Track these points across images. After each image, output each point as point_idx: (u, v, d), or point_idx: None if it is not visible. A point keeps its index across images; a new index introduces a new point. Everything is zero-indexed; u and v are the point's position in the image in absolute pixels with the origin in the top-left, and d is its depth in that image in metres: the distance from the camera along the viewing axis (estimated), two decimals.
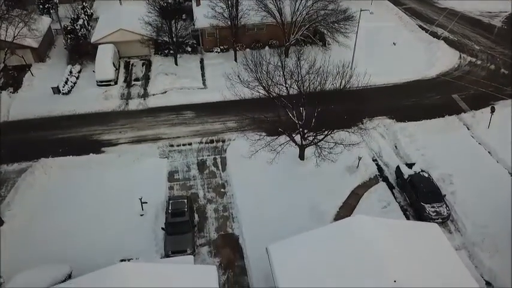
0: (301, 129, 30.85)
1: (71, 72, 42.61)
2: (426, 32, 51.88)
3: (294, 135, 31.13)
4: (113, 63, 42.52)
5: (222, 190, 31.29)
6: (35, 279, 22.33)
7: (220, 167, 33.35)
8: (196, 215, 28.84)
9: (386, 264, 20.00)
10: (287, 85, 29.48)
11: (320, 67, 29.28)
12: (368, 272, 19.75)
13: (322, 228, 22.63)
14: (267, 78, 29.45)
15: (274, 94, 30.27)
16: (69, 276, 23.14)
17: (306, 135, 31.07)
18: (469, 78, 43.38)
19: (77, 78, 42.83)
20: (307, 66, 29.85)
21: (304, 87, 29.06)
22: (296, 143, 31.81)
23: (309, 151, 32.28)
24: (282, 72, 29.97)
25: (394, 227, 22.34)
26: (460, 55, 47.38)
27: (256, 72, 29.46)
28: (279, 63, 30.04)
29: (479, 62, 46.17)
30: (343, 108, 30.13)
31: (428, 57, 46.56)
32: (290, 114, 30.52)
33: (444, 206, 28.12)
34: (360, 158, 31.63)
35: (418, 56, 46.98)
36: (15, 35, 40.62)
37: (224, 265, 25.93)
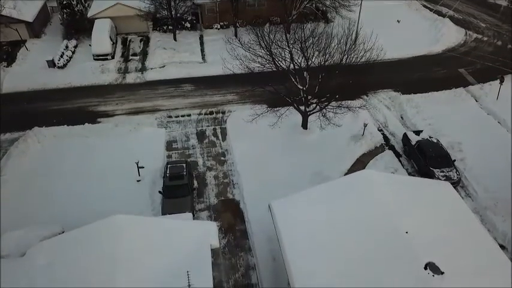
0: (304, 95, 29.69)
1: (66, 46, 41.50)
2: (431, 10, 50.77)
3: (296, 100, 29.96)
4: (110, 37, 41.34)
5: (222, 158, 30.12)
6: (25, 237, 21.07)
7: (220, 137, 32.17)
8: (195, 181, 27.68)
9: (398, 216, 18.83)
10: (290, 46, 28.27)
11: (324, 27, 28.13)
12: (378, 225, 18.57)
13: (329, 183, 21.42)
14: (269, 38, 28.24)
15: (277, 58, 29.08)
16: None
17: (309, 102, 29.89)
18: (476, 54, 42.27)
19: (73, 52, 41.72)
20: (310, 27, 28.71)
21: (307, 48, 27.84)
22: (299, 110, 30.63)
23: (312, 121, 31.03)
24: (284, 36, 28.95)
25: (404, 182, 21.20)
26: (466, 32, 46.26)
27: (257, 32, 28.25)
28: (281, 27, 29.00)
29: (485, 39, 45.06)
30: (346, 80, 29.03)
31: (434, 34, 45.45)
32: (293, 79, 29.36)
33: (454, 170, 26.96)
34: (365, 125, 30.44)
35: (423, 32, 45.85)
36: None
37: (225, 229, 24.74)
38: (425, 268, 16.66)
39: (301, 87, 29.40)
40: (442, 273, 16.51)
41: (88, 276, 16.78)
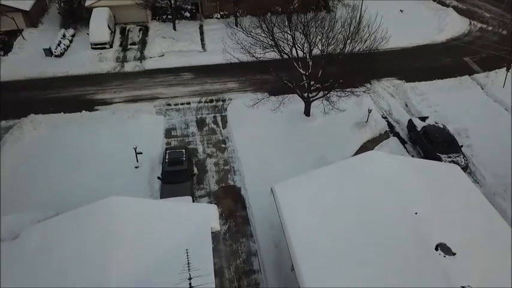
0: (307, 81, 28.93)
1: (64, 35, 40.72)
2: (434, 0, 49.99)
3: (299, 86, 29.22)
4: (108, 26, 40.57)
5: (223, 146, 29.35)
6: (18, 221, 20.31)
7: (220, 125, 31.39)
8: (195, 168, 26.93)
9: (406, 197, 18.07)
10: (292, 29, 27.50)
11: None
12: (386, 206, 17.80)
13: (333, 165, 20.60)
14: (270, 21, 27.49)
15: (278, 41, 28.30)
16: None
17: (312, 87, 29.11)
18: (481, 43, 41.54)
19: (70, 41, 40.94)
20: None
21: (310, 32, 27.06)
22: (302, 97, 29.89)
23: (316, 106, 30.25)
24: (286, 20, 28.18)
25: (412, 164, 20.41)
26: (470, 22, 45.55)
27: (259, 15, 27.51)
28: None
29: (490, 28, 44.36)
30: (350, 67, 28.27)
31: (437, 24, 44.69)
32: (295, 64, 28.60)
33: (461, 156, 26.19)
34: (369, 111, 29.71)
35: (427, 22, 45.10)
36: None
37: (225, 215, 23.95)
38: (436, 249, 15.91)
39: (304, 73, 28.64)
40: (454, 254, 15.76)
41: (82, 259, 15.99)
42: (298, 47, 27.87)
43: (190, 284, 12.61)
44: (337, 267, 16.47)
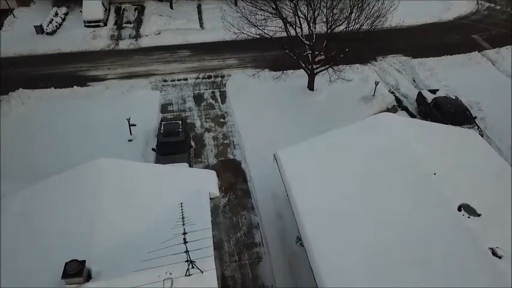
0: (310, 52, 27.39)
1: (56, 13, 39.13)
2: None
3: (303, 56, 27.68)
4: (102, 4, 38.98)
5: (222, 120, 27.81)
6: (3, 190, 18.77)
7: (219, 100, 29.85)
8: (192, 142, 25.37)
9: (423, 158, 16.51)
10: None
11: None
12: (402, 167, 16.28)
13: (343, 128, 19.05)
14: None
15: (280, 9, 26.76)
16: None
17: (316, 59, 27.57)
18: (489, 21, 40.06)
19: (63, 19, 39.35)
20: None
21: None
22: (305, 68, 28.35)
23: (321, 75, 28.61)
24: None
25: (428, 127, 18.87)
26: (478, 1, 44.04)
27: None
28: None
29: (498, 7, 42.85)
30: (354, 45, 26.78)
31: (444, 3, 43.19)
32: (298, 33, 27.04)
33: (476, 127, 24.63)
34: (376, 84, 28.18)
35: (432, 2, 43.51)
36: None
37: (225, 188, 22.39)
38: (459, 210, 14.35)
39: (307, 42, 27.10)
40: (479, 215, 14.21)
41: (67, 222, 14.42)
42: (302, 14, 26.32)
43: (184, 239, 11.05)
44: (351, 234, 14.89)
